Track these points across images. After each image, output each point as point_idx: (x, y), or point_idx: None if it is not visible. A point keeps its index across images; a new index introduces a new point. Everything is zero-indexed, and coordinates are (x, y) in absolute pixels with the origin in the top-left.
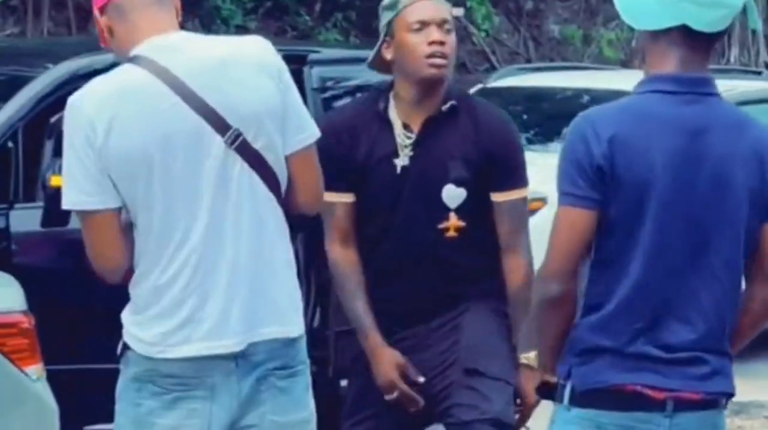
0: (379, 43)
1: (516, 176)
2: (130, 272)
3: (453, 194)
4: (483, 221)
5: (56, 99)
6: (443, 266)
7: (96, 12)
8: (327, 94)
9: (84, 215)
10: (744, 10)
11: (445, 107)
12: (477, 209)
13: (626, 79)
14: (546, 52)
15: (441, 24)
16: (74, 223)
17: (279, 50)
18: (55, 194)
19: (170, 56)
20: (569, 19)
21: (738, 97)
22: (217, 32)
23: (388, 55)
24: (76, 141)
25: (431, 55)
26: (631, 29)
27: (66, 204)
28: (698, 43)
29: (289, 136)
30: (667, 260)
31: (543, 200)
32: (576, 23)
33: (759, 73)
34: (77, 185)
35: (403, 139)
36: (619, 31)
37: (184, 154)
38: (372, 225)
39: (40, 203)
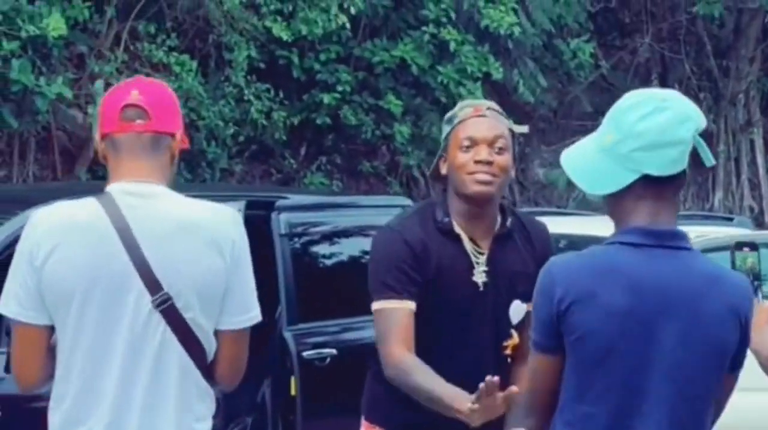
0: (437, 155)
1: None
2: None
3: (518, 310)
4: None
5: None
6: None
7: (97, 136)
8: (295, 241)
9: (13, 323)
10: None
11: (509, 223)
12: (525, 323)
13: (606, 226)
14: (531, 196)
15: (492, 143)
16: None
17: (246, 197)
18: None
19: (134, 204)
20: (554, 163)
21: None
22: (202, 175)
23: (443, 169)
24: (22, 255)
25: (475, 172)
26: None
27: (1, 307)
28: (661, 191)
29: (227, 315)
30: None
31: None
32: (561, 168)
33: (730, 219)
34: (15, 294)
35: (476, 255)
36: None
37: (103, 301)
38: (436, 342)
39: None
